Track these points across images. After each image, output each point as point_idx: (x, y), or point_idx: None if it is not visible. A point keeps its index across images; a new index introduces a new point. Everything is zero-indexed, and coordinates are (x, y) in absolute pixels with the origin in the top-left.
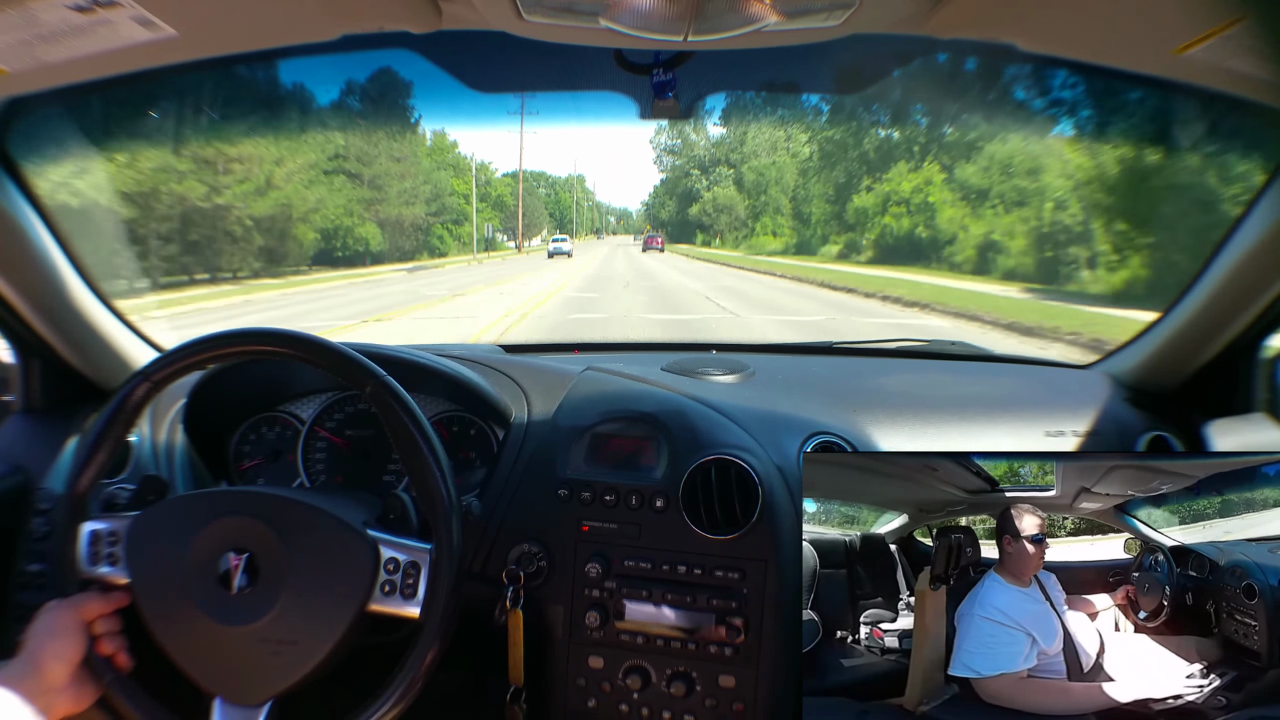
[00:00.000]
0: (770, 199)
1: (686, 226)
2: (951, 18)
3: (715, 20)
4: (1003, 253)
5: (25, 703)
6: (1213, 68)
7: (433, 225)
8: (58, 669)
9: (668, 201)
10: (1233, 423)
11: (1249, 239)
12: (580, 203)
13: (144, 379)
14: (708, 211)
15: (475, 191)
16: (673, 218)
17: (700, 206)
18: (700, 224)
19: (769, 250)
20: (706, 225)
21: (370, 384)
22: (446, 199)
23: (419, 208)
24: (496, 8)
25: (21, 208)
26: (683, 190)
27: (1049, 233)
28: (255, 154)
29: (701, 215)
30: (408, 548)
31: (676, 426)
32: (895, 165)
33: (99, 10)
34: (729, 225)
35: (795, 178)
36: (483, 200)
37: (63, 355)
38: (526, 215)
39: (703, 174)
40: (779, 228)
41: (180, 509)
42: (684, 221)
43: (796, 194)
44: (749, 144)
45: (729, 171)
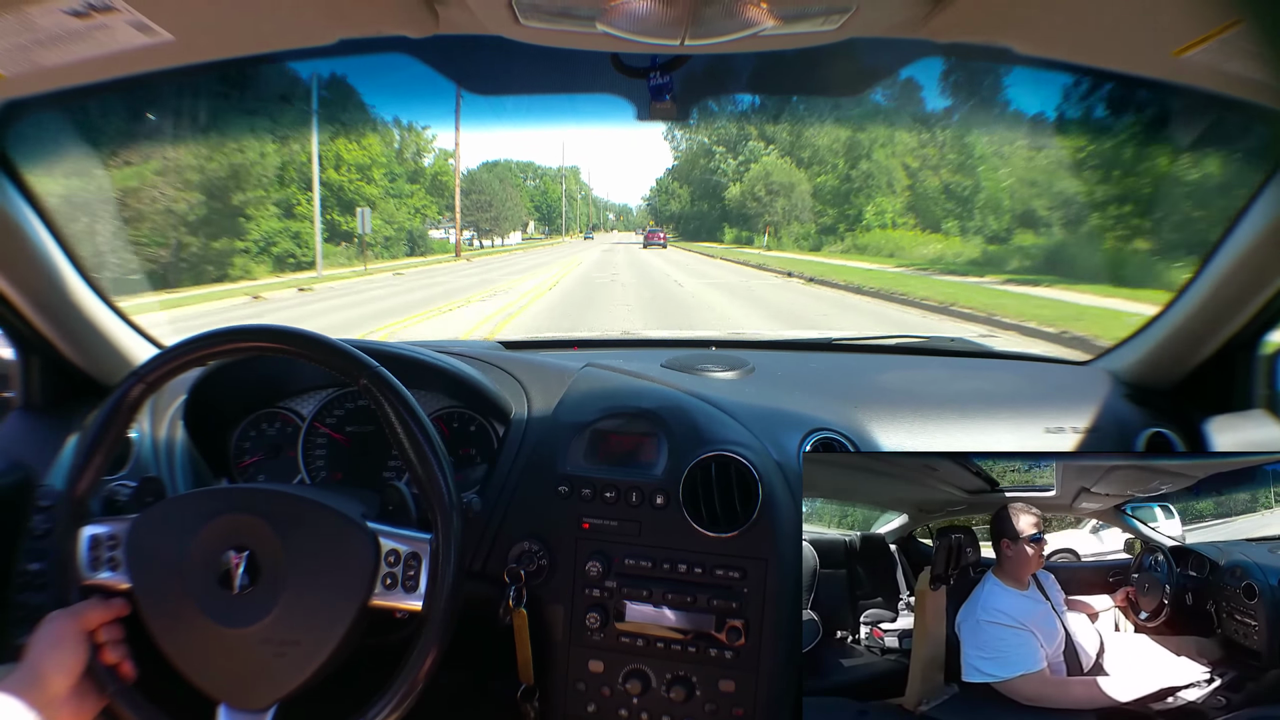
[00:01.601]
0: (877, 171)
1: (707, 220)
2: (948, 21)
3: (712, 25)
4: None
5: (28, 712)
6: (1211, 70)
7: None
8: (60, 680)
9: (678, 190)
10: (1232, 419)
11: (1248, 237)
12: (572, 195)
13: (138, 380)
14: (755, 195)
15: (344, 162)
16: (685, 209)
17: (742, 188)
18: (738, 214)
19: (928, 257)
20: (749, 216)
21: (364, 375)
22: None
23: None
24: (493, 12)
25: (20, 207)
26: (700, 174)
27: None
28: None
29: (745, 201)
30: (408, 538)
31: (676, 423)
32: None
33: (95, 15)
34: (790, 213)
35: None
36: (414, 181)
37: (62, 352)
38: (499, 207)
39: (729, 151)
40: (905, 216)
41: (179, 508)
42: (705, 214)
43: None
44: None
45: (764, 148)
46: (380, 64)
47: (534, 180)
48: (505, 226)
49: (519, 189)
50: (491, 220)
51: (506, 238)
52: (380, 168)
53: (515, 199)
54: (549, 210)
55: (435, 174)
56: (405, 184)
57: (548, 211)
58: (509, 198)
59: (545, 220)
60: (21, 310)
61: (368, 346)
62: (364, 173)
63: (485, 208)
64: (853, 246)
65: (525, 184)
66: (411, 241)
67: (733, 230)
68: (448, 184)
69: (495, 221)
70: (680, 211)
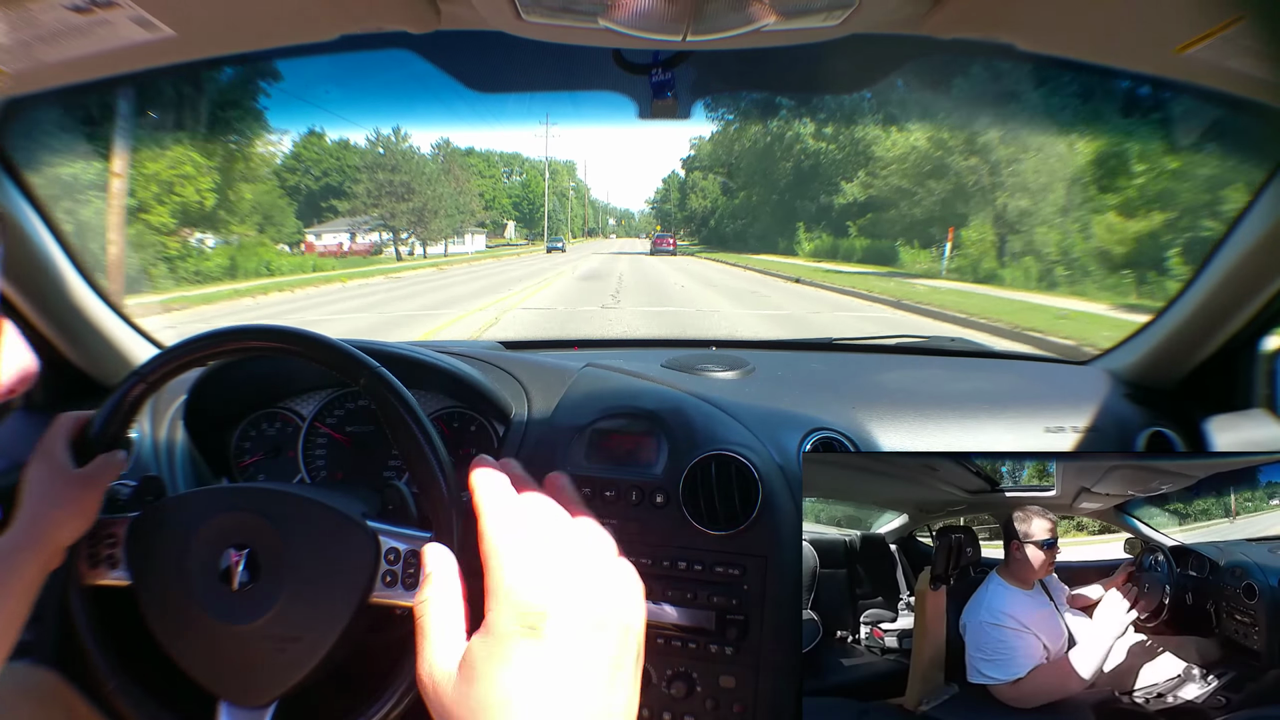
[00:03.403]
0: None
1: (757, 216)
2: (950, 17)
3: (714, 21)
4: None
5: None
6: (1213, 67)
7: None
8: (61, 540)
9: (700, 182)
10: (1232, 419)
11: (1248, 236)
12: (563, 192)
13: (139, 379)
14: (892, 169)
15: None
16: (717, 206)
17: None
18: (841, 207)
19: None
20: (876, 205)
21: (364, 375)
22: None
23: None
24: (495, 8)
25: (20, 205)
26: (749, 149)
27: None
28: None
29: (874, 178)
30: (408, 537)
31: (676, 423)
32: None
33: (97, 11)
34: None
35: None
36: (296, 169)
37: (63, 352)
38: (425, 196)
39: (795, 116)
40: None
41: (179, 506)
42: (751, 208)
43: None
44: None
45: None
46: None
47: (520, 175)
48: (444, 225)
49: (492, 180)
50: (413, 216)
51: (458, 242)
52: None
53: (466, 189)
54: (530, 210)
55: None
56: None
57: (528, 212)
58: (455, 188)
59: (527, 221)
60: (22, 310)
61: (368, 346)
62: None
63: (402, 196)
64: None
65: (506, 179)
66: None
67: (816, 233)
68: (322, 163)
69: (420, 218)
70: (703, 210)
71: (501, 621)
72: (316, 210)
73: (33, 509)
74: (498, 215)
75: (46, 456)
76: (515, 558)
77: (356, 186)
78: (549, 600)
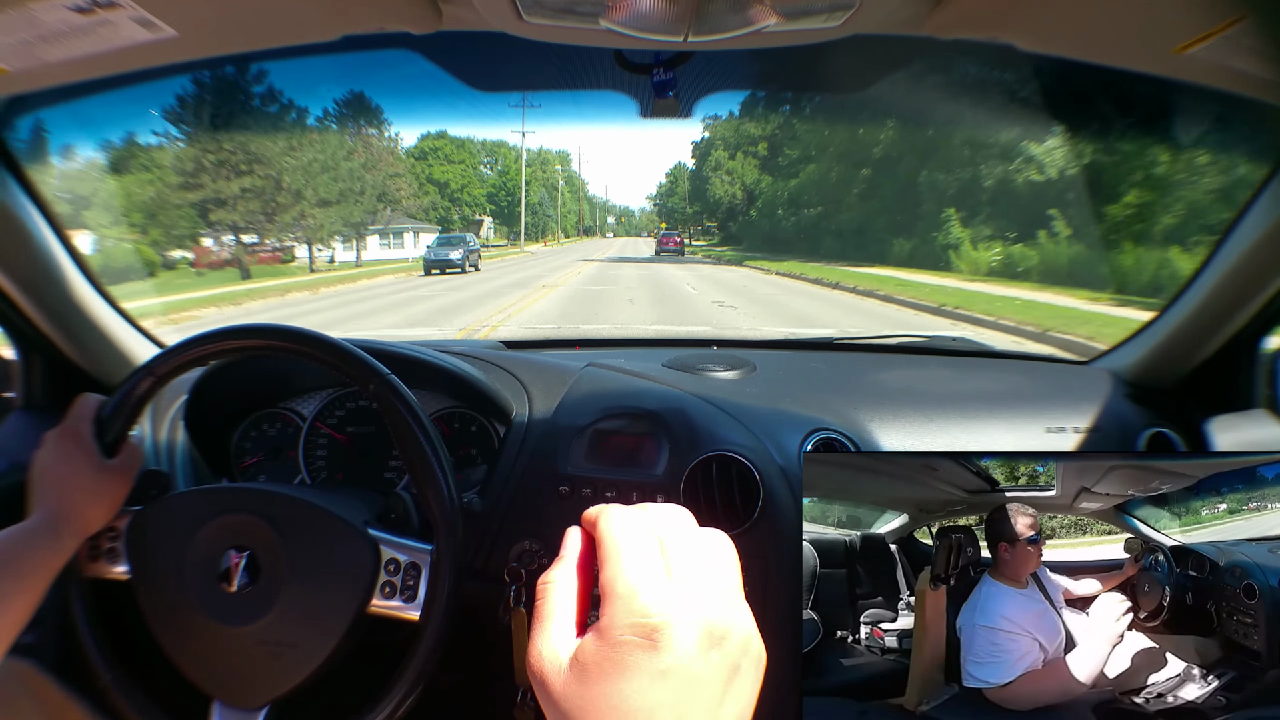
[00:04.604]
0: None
1: (805, 211)
2: (951, 18)
3: (715, 21)
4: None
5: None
6: (1213, 67)
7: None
8: (87, 527)
9: (729, 163)
10: (1233, 419)
11: (1249, 235)
12: (551, 183)
13: (148, 373)
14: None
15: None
16: (759, 193)
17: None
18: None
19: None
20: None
21: (373, 382)
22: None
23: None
24: (497, 9)
25: (22, 203)
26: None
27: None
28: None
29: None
30: (409, 548)
31: (677, 423)
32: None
33: (99, 11)
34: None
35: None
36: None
37: (64, 351)
38: (308, 179)
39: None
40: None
41: (181, 505)
42: (794, 200)
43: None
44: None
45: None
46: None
47: (500, 165)
48: (331, 219)
49: (462, 166)
50: (269, 208)
51: (411, 242)
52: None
53: (380, 168)
54: (509, 203)
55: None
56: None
57: (506, 206)
58: (372, 169)
59: (505, 218)
60: (23, 309)
61: (371, 346)
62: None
63: (239, 171)
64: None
65: (487, 170)
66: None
67: (977, 227)
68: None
69: (266, 212)
70: (730, 201)
71: (617, 626)
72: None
73: (59, 495)
74: (468, 211)
75: (73, 438)
76: (636, 559)
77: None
78: (668, 611)
